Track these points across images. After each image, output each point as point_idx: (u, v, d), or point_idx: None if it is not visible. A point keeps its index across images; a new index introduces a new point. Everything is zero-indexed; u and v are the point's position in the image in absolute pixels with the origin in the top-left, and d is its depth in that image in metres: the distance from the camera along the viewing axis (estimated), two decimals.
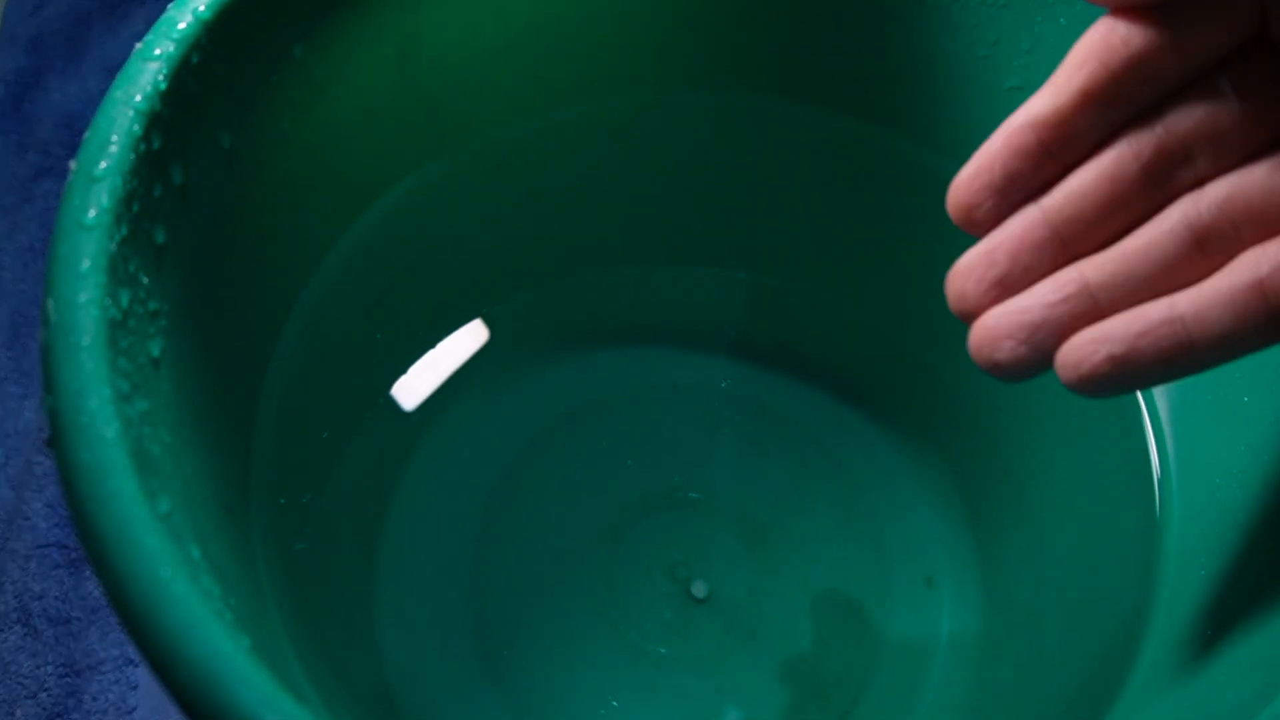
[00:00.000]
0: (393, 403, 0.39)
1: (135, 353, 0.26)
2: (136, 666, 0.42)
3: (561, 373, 0.41)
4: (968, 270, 0.26)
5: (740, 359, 0.42)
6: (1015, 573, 0.38)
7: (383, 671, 0.36)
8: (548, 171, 0.40)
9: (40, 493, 0.45)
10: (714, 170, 0.41)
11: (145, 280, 0.27)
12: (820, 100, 0.40)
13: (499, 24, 0.37)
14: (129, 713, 0.41)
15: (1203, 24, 0.25)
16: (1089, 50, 0.25)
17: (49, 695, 0.42)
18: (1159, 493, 0.36)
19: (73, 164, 0.26)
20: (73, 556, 0.44)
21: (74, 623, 0.43)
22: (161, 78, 0.28)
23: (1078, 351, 0.25)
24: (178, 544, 0.24)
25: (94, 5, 0.58)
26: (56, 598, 0.43)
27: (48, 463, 0.46)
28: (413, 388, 0.39)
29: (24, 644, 0.43)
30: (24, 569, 0.44)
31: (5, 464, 0.46)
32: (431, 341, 0.40)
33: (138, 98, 0.27)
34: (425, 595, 0.37)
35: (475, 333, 0.40)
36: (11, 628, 0.43)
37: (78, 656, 0.42)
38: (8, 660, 0.42)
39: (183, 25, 0.28)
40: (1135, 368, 0.25)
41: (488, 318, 0.41)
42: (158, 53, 0.28)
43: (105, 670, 0.42)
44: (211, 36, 0.29)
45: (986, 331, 0.26)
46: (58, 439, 0.24)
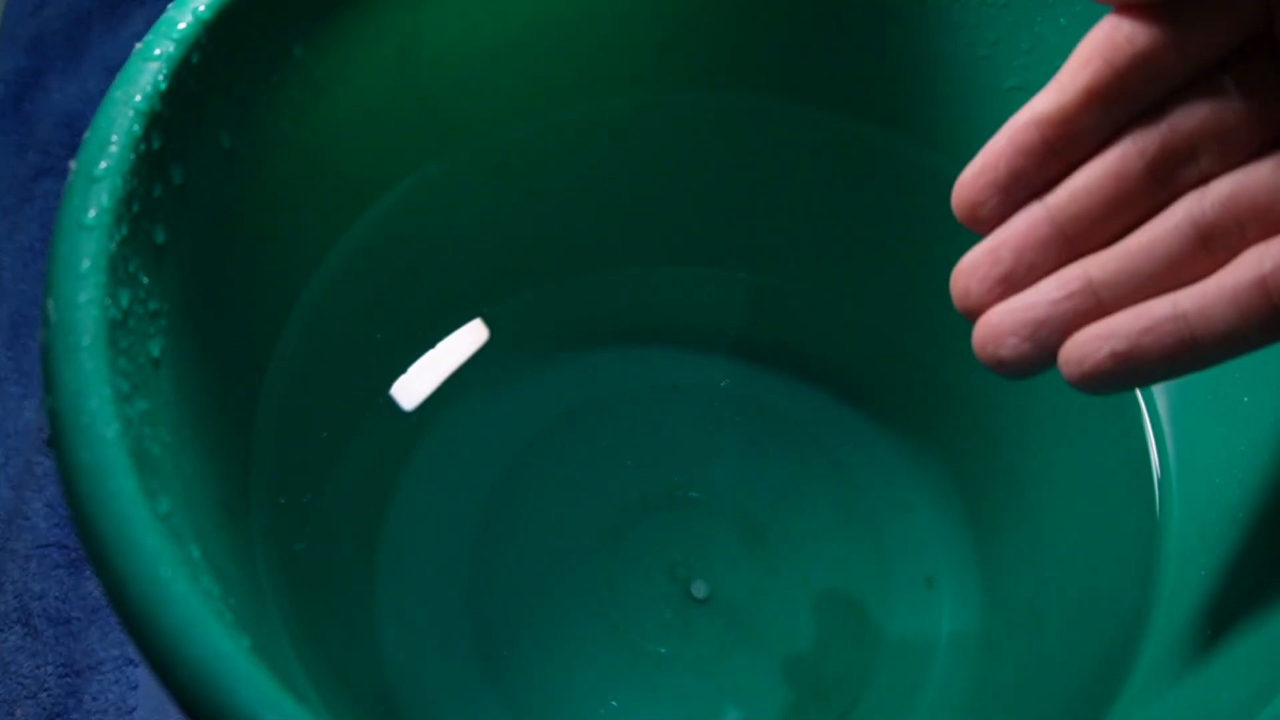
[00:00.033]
0: (392, 403, 0.39)
1: (135, 353, 0.26)
2: (136, 666, 0.42)
3: (561, 373, 0.41)
4: (972, 267, 0.26)
5: (740, 359, 0.42)
6: (1015, 573, 0.38)
7: (383, 671, 0.36)
8: (548, 171, 0.40)
9: (40, 493, 0.45)
10: (714, 170, 0.41)
11: (145, 280, 0.27)
12: (820, 100, 0.40)
13: (499, 24, 0.37)
14: (129, 713, 0.41)
15: (1207, 23, 0.25)
16: (1093, 48, 0.25)
17: (49, 695, 0.42)
18: (1159, 493, 0.36)
19: (73, 164, 0.26)
20: (73, 556, 0.44)
21: (74, 623, 0.43)
22: (161, 78, 0.28)
23: (1081, 348, 0.25)
24: (178, 544, 0.23)
25: (94, 5, 0.58)
26: (56, 598, 0.43)
27: (48, 463, 0.46)
28: (413, 388, 0.39)
29: (24, 644, 0.43)
30: (24, 569, 0.44)
31: (5, 464, 0.46)
32: (431, 341, 0.40)
33: (138, 98, 0.27)
34: (425, 595, 0.37)
35: (475, 333, 0.40)
36: (11, 628, 0.43)
37: (78, 656, 0.42)
38: (8, 660, 0.42)
39: (183, 25, 0.28)
40: (1138, 364, 0.25)
41: (488, 318, 0.41)
42: (158, 53, 0.28)
43: (105, 670, 0.42)
44: (211, 36, 0.29)
45: (990, 328, 0.26)
46: (58, 439, 0.24)
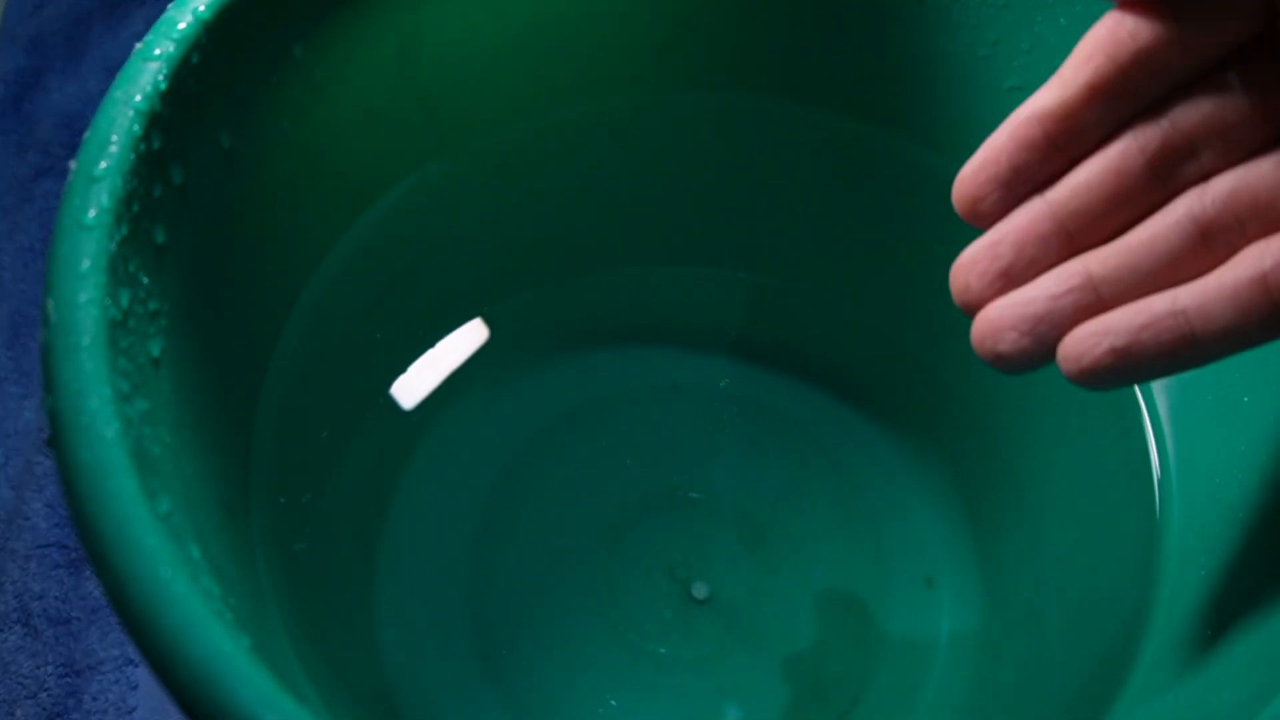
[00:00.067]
0: (392, 402, 0.39)
1: (135, 353, 0.26)
2: (136, 666, 0.42)
3: (561, 373, 0.41)
4: (972, 262, 0.26)
5: (740, 359, 0.42)
6: (1015, 573, 0.38)
7: (383, 671, 0.36)
8: (548, 171, 0.40)
9: (40, 493, 0.45)
10: (714, 170, 0.41)
11: (145, 280, 0.27)
12: (820, 100, 0.40)
13: (499, 24, 0.37)
14: (129, 713, 0.41)
15: (1209, 20, 0.25)
16: (1096, 44, 0.25)
17: (49, 695, 0.42)
18: (1159, 493, 0.36)
19: (73, 164, 0.26)
20: (73, 556, 0.44)
21: (74, 623, 0.43)
22: (161, 78, 0.28)
23: (1080, 343, 0.25)
24: (178, 544, 0.23)
25: (94, 5, 0.58)
26: (56, 598, 0.43)
27: (48, 463, 0.46)
28: (413, 388, 0.39)
29: (24, 644, 0.43)
30: (24, 569, 0.44)
31: (5, 464, 0.46)
32: (431, 341, 0.40)
33: (138, 98, 0.27)
34: (425, 595, 0.37)
35: (475, 332, 0.40)
36: (11, 628, 0.43)
37: (78, 656, 0.42)
38: (8, 660, 0.42)
39: (183, 25, 0.28)
40: (1137, 360, 0.25)
41: (488, 317, 0.41)
42: (158, 53, 0.28)
43: (105, 670, 0.42)
44: (211, 36, 0.29)
45: (989, 323, 0.26)
46: (58, 439, 0.24)
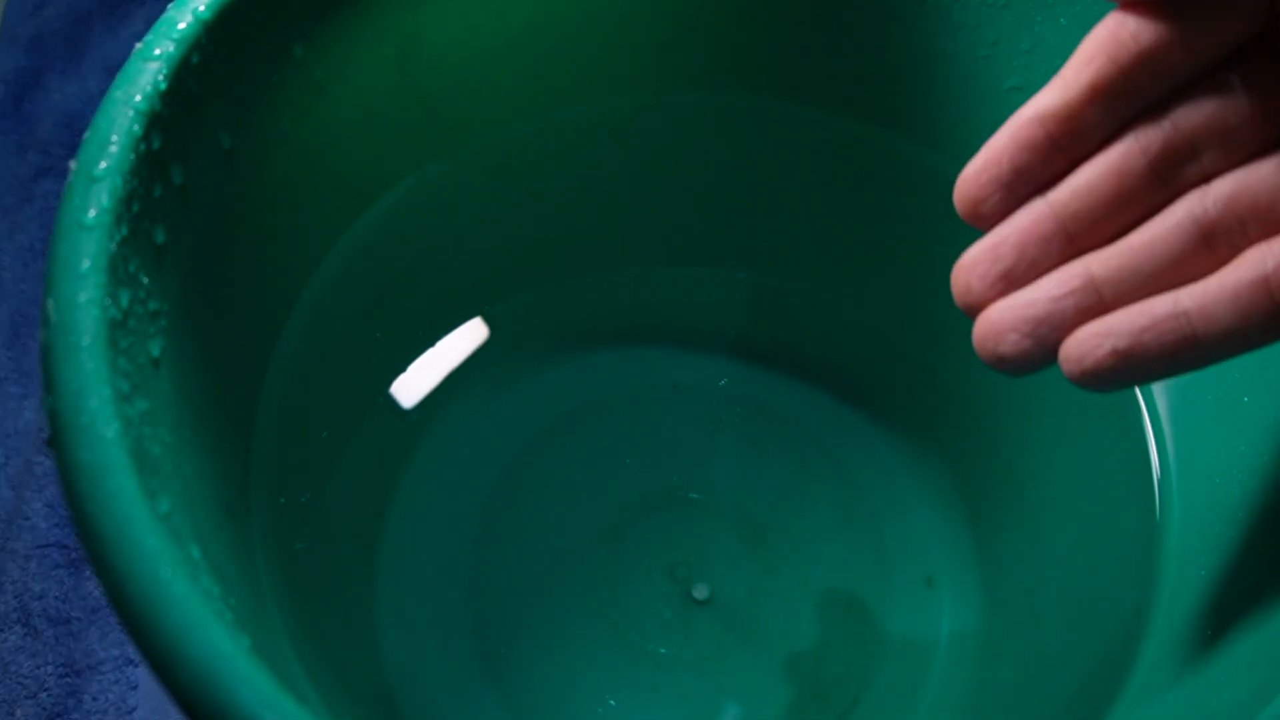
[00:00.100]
0: (392, 402, 0.39)
1: (135, 353, 0.26)
2: (136, 666, 0.42)
3: (561, 373, 0.41)
4: (973, 264, 0.26)
5: (740, 359, 0.42)
6: (1015, 573, 0.38)
7: (383, 671, 0.36)
8: (548, 171, 0.40)
9: (40, 493, 0.45)
10: (714, 170, 0.41)
11: (145, 280, 0.27)
12: (820, 100, 0.40)
13: (499, 24, 0.37)
14: (129, 713, 0.41)
15: (1211, 21, 0.25)
16: (1098, 45, 0.25)
17: (49, 695, 0.42)
18: (1159, 493, 0.36)
19: (73, 164, 0.26)
20: (73, 556, 0.44)
21: (74, 623, 0.43)
22: (161, 78, 0.28)
23: (1081, 345, 0.25)
24: (178, 544, 0.23)
25: (94, 5, 0.58)
26: (56, 598, 0.43)
27: (48, 463, 0.46)
28: (413, 387, 0.39)
29: (24, 644, 0.43)
30: (24, 569, 0.44)
31: (5, 464, 0.46)
32: (431, 341, 0.40)
33: (138, 98, 0.27)
34: (425, 595, 0.37)
35: (475, 332, 0.40)
36: (11, 628, 0.43)
37: (78, 656, 0.42)
38: (8, 660, 0.42)
39: (183, 25, 0.28)
40: (1139, 362, 0.25)
41: (488, 317, 0.41)
42: (158, 53, 0.28)
43: (105, 670, 0.42)
44: (211, 36, 0.29)
45: (991, 325, 0.26)
46: (58, 439, 0.24)
